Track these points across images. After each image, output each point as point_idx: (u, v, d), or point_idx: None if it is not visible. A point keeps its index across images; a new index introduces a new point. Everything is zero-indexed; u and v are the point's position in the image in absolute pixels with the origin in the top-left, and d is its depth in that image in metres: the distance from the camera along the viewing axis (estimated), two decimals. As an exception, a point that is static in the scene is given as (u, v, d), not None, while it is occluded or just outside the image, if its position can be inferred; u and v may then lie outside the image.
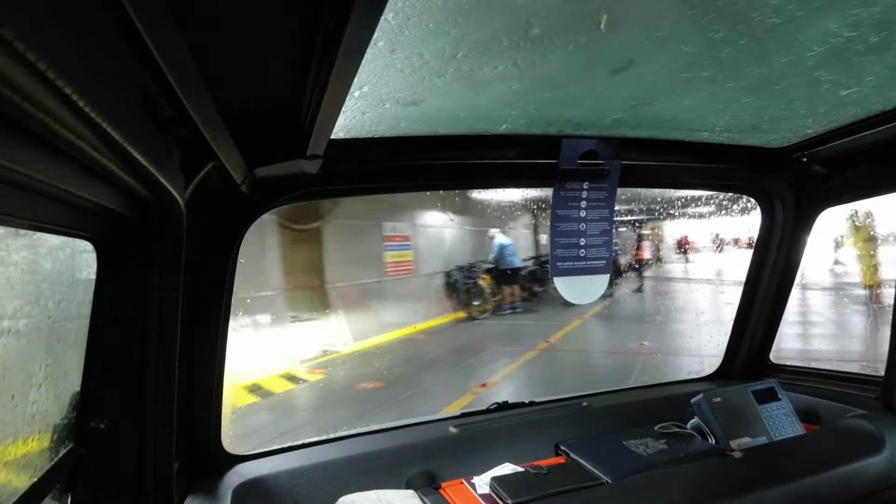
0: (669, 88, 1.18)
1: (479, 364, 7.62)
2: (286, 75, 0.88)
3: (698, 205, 15.38)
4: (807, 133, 1.59)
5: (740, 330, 2.16)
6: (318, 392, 6.63)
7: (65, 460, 0.92)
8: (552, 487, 1.41)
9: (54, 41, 0.38)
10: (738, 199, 12.87)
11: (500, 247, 11.97)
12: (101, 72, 0.49)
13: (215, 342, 1.40)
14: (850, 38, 0.95)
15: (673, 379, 2.28)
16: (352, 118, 1.21)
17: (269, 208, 1.41)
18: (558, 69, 1.04)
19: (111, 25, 0.50)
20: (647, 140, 1.59)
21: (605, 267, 1.73)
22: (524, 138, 1.47)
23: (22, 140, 0.47)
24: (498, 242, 12.01)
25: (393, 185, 1.74)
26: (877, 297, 8.79)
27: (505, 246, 12.01)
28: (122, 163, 0.63)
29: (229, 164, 0.97)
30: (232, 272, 1.38)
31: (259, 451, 1.58)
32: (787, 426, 1.75)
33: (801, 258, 2.05)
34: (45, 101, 0.41)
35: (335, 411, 5.60)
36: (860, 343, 7.51)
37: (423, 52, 0.92)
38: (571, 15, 0.85)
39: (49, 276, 0.93)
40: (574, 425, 1.80)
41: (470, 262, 12.19)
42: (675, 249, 17.97)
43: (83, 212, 0.78)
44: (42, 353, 0.97)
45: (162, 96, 0.69)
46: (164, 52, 0.54)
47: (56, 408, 0.96)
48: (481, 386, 6.30)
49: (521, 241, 15.09)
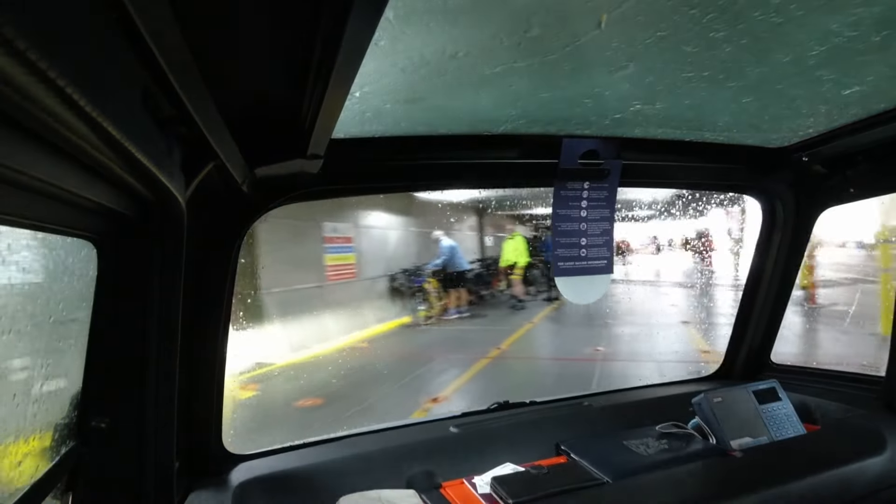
0: (670, 88, 1.18)
1: (429, 375, 7.11)
2: (287, 75, 0.88)
3: (641, 208, 15.93)
4: (808, 133, 1.59)
5: (741, 330, 2.16)
6: (249, 412, 5.87)
7: (66, 460, 0.93)
8: (552, 487, 1.41)
9: (55, 40, 0.38)
10: (686, 205, 13.39)
11: (449, 249, 11.67)
12: (102, 71, 0.49)
13: (216, 342, 1.40)
14: (851, 37, 0.95)
15: (671, 380, 2.28)
16: (352, 118, 1.21)
17: (269, 208, 1.41)
18: (558, 69, 1.04)
19: (112, 25, 0.50)
20: (648, 140, 1.59)
21: (607, 267, 1.73)
22: (525, 138, 1.47)
23: (22, 140, 0.47)
24: (447, 245, 11.74)
25: (393, 184, 1.75)
26: (812, 297, 9.14)
27: (454, 248, 11.77)
28: (122, 162, 0.63)
29: (230, 164, 0.97)
30: (233, 272, 1.39)
31: (260, 450, 1.59)
32: (787, 426, 1.75)
33: (802, 258, 2.04)
34: (45, 100, 0.41)
35: (263, 437, 4.61)
36: (798, 340, 7.62)
37: (423, 52, 0.92)
38: (571, 14, 0.85)
39: (50, 276, 0.93)
40: (575, 425, 1.80)
41: (416, 265, 11.89)
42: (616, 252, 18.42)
43: (83, 211, 0.78)
44: (43, 353, 0.97)
45: (163, 96, 0.69)
46: (165, 52, 0.54)
47: (57, 407, 0.97)
48: (432, 401, 5.87)
49: (467, 243, 14.83)
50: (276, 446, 1.62)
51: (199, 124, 0.73)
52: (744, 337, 2.15)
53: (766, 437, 1.70)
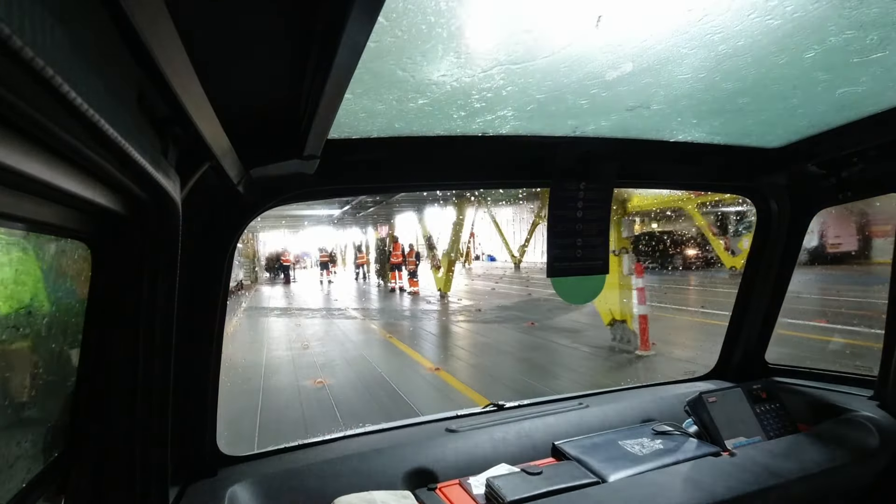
0: (666, 89, 1.18)
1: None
2: (283, 76, 0.88)
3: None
4: (803, 134, 1.60)
5: (736, 330, 2.17)
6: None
7: (58, 462, 0.92)
8: (547, 487, 1.41)
9: (50, 39, 0.38)
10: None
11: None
12: (97, 71, 0.48)
13: (210, 343, 1.39)
14: (846, 39, 0.96)
15: (666, 380, 2.29)
16: (348, 118, 1.20)
17: (265, 208, 1.41)
18: (554, 69, 1.04)
19: (107, 24, 0.50)
20: (644, 141, 1.59)
21: (603, 266, 1.73)
22: (521, 139, 1.47)
23: (16, 139, 0.46)
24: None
25: (389, 185, 1.74)
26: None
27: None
28: (117, 163, 0.63)
29: (225, 165, 0.97)
30: (228, 273, 1.38)
31: (254, 452, 1.58)
32: (781, 426, 1.76)
33: (796, 258, 2.06)
34: (40, 99, 0.41)
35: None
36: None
37: (419, 53, 0.92)
38: (567, 15, 0.85)
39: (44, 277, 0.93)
40: (570, 425, 1.80)
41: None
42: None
43: (78, 212, 0.78)
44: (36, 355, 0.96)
45: (158, 96, 0.68)
46: (161, 52, 0.54)
47: (50, 409, 0.96)
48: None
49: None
50: (270, 448, 1.61)
51: (194, 125, 0.73)
52: (738, 337, 2.16)
53: (760, 437, 1.71)
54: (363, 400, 6.27)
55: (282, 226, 26.38)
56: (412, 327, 11.91)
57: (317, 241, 30.42)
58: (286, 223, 26.50)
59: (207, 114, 0.76)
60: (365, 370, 7.79)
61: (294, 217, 23.49)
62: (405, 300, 17.44)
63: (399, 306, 16.00)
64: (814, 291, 11.57)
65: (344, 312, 14.82)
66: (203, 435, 1.44)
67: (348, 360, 8.55)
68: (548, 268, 1.67)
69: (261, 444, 1.97)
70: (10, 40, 0.33)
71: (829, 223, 15.36)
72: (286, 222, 26.01)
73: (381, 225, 25.76)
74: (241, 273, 21.78)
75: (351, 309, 15.58)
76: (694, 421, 1.75)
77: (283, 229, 28.17)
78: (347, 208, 20.42)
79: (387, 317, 13.80)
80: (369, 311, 15.15)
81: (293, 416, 5.74)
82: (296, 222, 26.70)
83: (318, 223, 27.86)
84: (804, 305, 9.90)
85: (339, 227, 29.99)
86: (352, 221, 26.65)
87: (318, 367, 7.99)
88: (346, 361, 8.42)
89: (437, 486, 1.51)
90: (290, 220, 25.35)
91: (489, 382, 6.94)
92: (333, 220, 25.62)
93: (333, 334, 11.14)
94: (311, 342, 10.12)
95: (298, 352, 9.26)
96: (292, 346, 9.88)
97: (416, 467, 1.55)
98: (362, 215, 23.03)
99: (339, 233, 32.40)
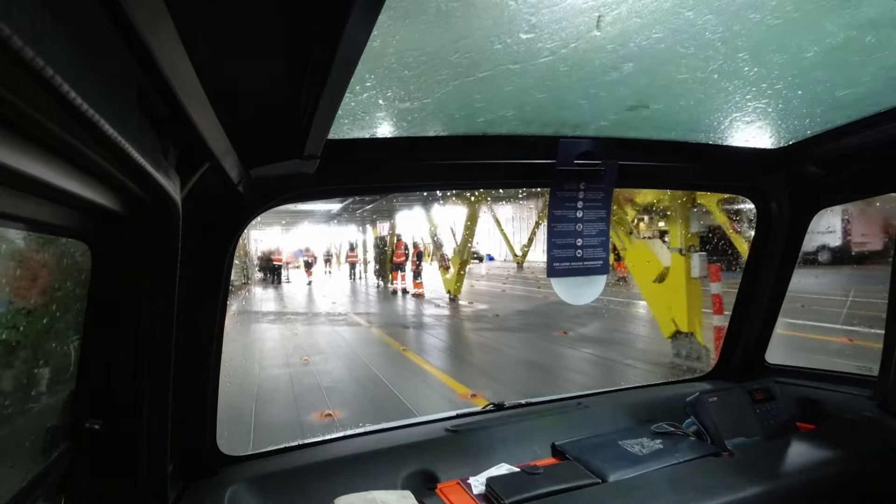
0: (666, 89, 1.18)
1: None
2: (283, 76, 0.87)
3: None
4: (803, 134, 1.60)
5: (736, 330, 2.17)
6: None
7: (59, 461, 0.92)
8: (547, 487, 1.41)
9: (50, 39, 0.38)
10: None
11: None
12: (97, 70, 0.48)
13: (210, 343, 1.39)
14: (847, 39, 0.96)
15: (666, 380, 2.29)
16: (348, 118, 1.20)
17: (266, 208, 1.40)
18: (554, 70, 1.04)
19: (107, 24, 0.50)
20: (644, 141, 1.59)
21: (603, 267, 1.73)
22: (520, 139, 1.47)
23: (16, 139, 0.46)
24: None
25: (389, 185, 1.74)
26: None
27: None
28: (117, 163, 0.63)
29: (226, 165, 0.97)
30: (228, 272, 1.38)
31: (255, 452, 1.58)
32: (781, 426, 1.76)
33: (797, 257, 2.06)
34: (40, 99, 0.41)
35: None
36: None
37: (419, 53, 0.92)
38: (567, 15, 0.85)
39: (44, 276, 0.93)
40: (570, 425, 1.80)
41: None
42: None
43: (78, 212, 0.78)
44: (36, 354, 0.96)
45: (158, 96, 0.68)
46: (161, 52, 0.54)
47: (51, 408, 0.96)
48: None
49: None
50: (270, 448, 1.61)
51: (194, 125, 0.72)
52: (738, 337, 2.16)
53: (760, 436, 1.71)
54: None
55: (279, 223, 26.28)
56: (427, 337, 10.35)
57: (316, 240, 30.46)
58: (285, 220, 26.43)
59: (207, 114, 0.76)
60: (383, 398, 6.10)
61: (292, 213, 23.29)
62: (410, 303, 15.87)
63: (406, 311, 14.52)
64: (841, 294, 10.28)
65: (346, 318, 13.23)
66: (203, 435, 1.44)
67: (360, 381, 6.97)
68: (548, 268, 1.67)
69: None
70: (11, 40, 0.33)
71: (855, 220, 14.88)
72: (284, 220, 25.97)
73: (381, 222, 25.66)
74: (232, 273, 21.93)
75: (353, 314, 14.02)
76: (694, 421, 1.75)
77: (277, 226, 27.91)
78: (348, 203, 19.90)
79: (395, 324, 12.15)
80: (373, 317, 13.57)
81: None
82: (294, 219, 26.63)
83: (316, 220, 27.90)
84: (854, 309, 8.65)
85: (339, 224, 29.92)
86: (352, 218, 26.73)
87: (324, 392, 6.40)
88: (357, 384, 6.84)
89: (438, 485, 1.51)
90: (289, 217, 25.15)
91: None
92: (332, 215, 25.65)
93: (337, 345, 9.58)
94: (312, 355, 8.58)
95: (298, 369, 7.66)
96: (290, 361, 8.25)
97: (416, 467, 1.55)
98: (362, 211, 22.69)
99: (340, 230, 32.28)
